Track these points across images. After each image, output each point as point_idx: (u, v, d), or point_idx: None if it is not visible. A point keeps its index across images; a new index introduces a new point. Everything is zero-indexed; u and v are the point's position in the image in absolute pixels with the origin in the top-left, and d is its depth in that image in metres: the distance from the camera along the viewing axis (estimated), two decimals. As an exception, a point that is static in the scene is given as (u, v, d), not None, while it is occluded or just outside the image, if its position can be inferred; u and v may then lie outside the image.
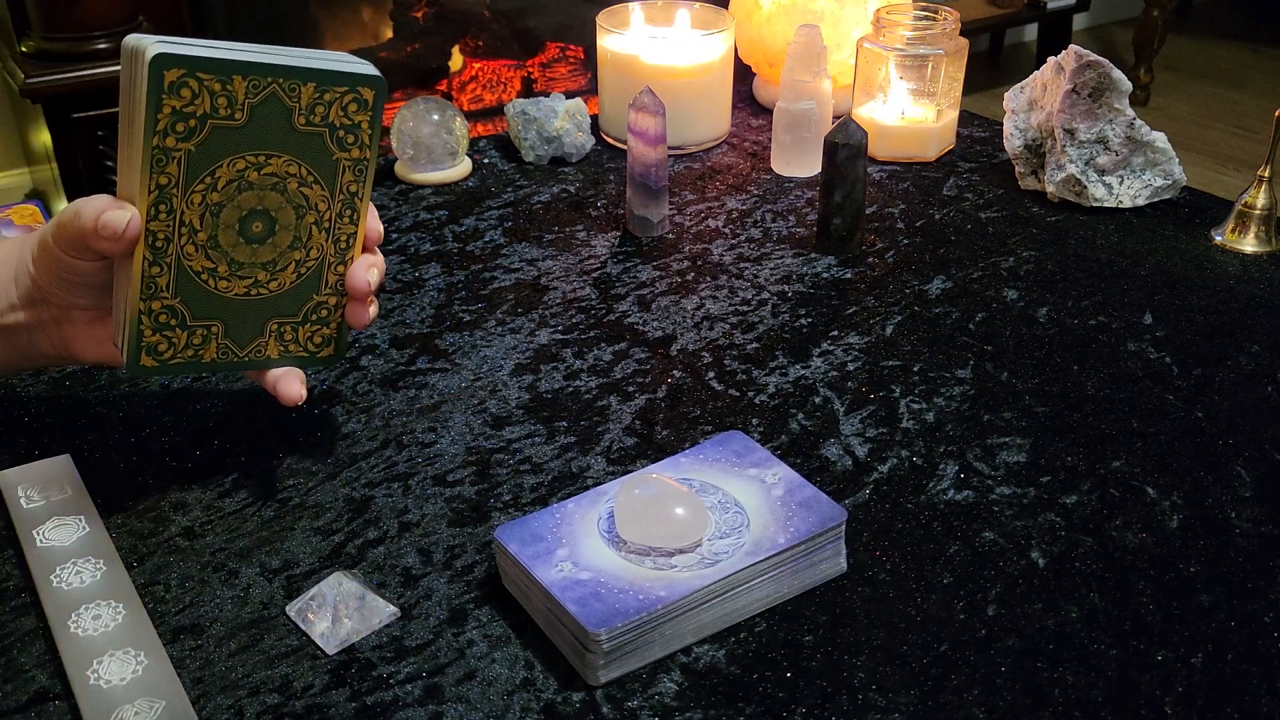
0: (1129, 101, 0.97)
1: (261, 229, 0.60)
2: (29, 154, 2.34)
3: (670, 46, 1.08)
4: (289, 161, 0.59)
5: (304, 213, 0.61)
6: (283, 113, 0.58)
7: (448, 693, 0.53)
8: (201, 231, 0.59)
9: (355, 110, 0.60)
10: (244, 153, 0.58)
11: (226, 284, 0.61)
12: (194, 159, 0.56)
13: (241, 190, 0.59)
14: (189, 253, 0.59)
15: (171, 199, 0.57)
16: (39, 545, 0.60)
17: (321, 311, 0.65)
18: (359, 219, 0.63)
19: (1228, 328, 0.82)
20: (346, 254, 0.64)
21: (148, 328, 0.60)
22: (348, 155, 0.61)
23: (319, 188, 0.60)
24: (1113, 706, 0.52)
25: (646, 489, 0.58)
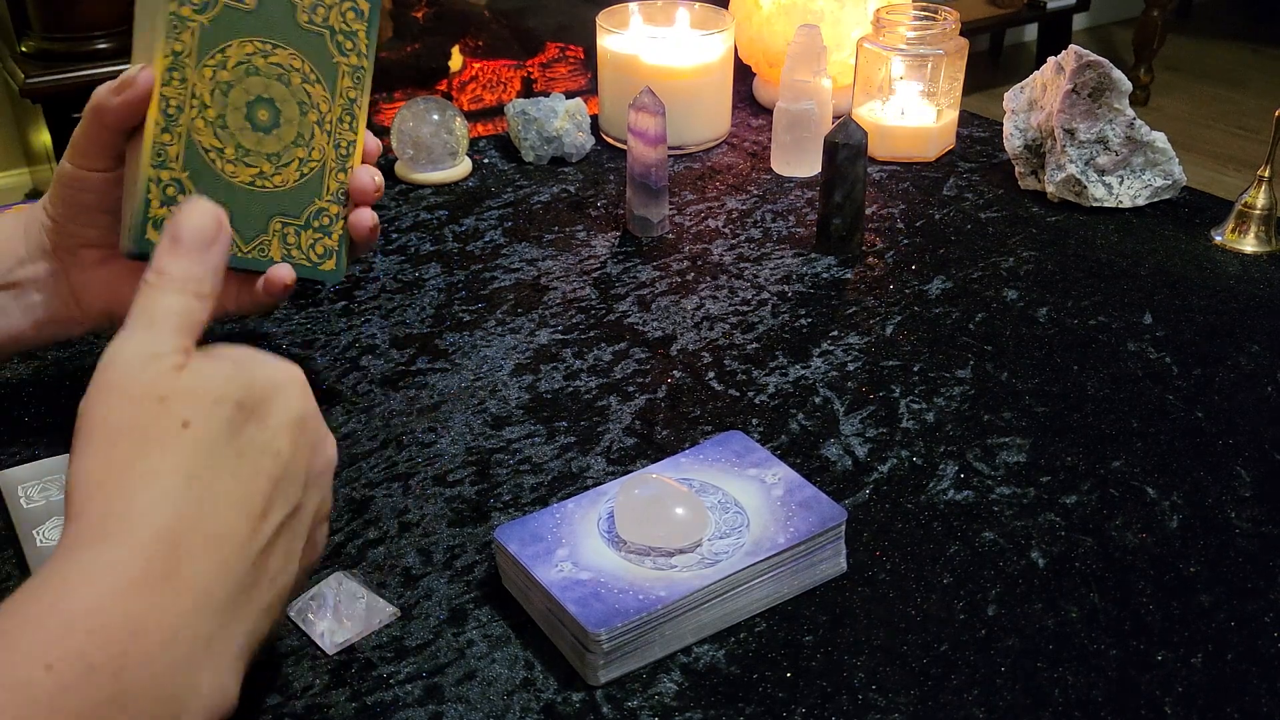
0: (1129, 101, 0.97)
1: (267, 118, 0.62)
2: (29, 154, 2.34)
3: (670, 46, 1.08)
4: (293, 55, 0.62)
5: (306, 109, 0.63)
6: (287, 6, 0.62)
7: (448, 693, 0.53)
8: (211, 107, 0.61)
9: (353, 18, 0.64)
10: (252, 37, 0.61)
11: (233, 168, 0.62)
12: (206, 32, 0.60)
13: (249, 74, 0.61)
14: (198, 127, 0.61)
15: (185, 67, 0.60)
16: (39, 545, 0.60)
17: (324, 219, 0.65)
18: (358, 126, 0.65)
19: (1228, 328, 0.82)
20: (347, 161, 0.65)
21: (155, 198, 0.60)
22: (346, 61, 0.64)
23: (320, 87, 0.63)
24: (1113, 706, 0.52)
25: (646, 489, 0.58)
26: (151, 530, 0.42)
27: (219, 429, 0.45)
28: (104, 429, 0.44)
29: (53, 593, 0.40)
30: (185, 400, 0.45)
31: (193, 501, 0.43)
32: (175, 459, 0.43)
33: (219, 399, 0.45)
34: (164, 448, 0.43)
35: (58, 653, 0.38)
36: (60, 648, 0.38)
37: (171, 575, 0.41)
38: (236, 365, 0.47)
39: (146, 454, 0.43)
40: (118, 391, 0.45)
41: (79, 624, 0.39)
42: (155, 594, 0.41)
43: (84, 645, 0.39)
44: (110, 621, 0.39)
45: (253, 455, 0.46)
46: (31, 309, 0.65)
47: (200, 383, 0.45)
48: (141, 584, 0.41)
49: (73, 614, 0.39)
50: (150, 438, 0.44)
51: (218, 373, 0.46)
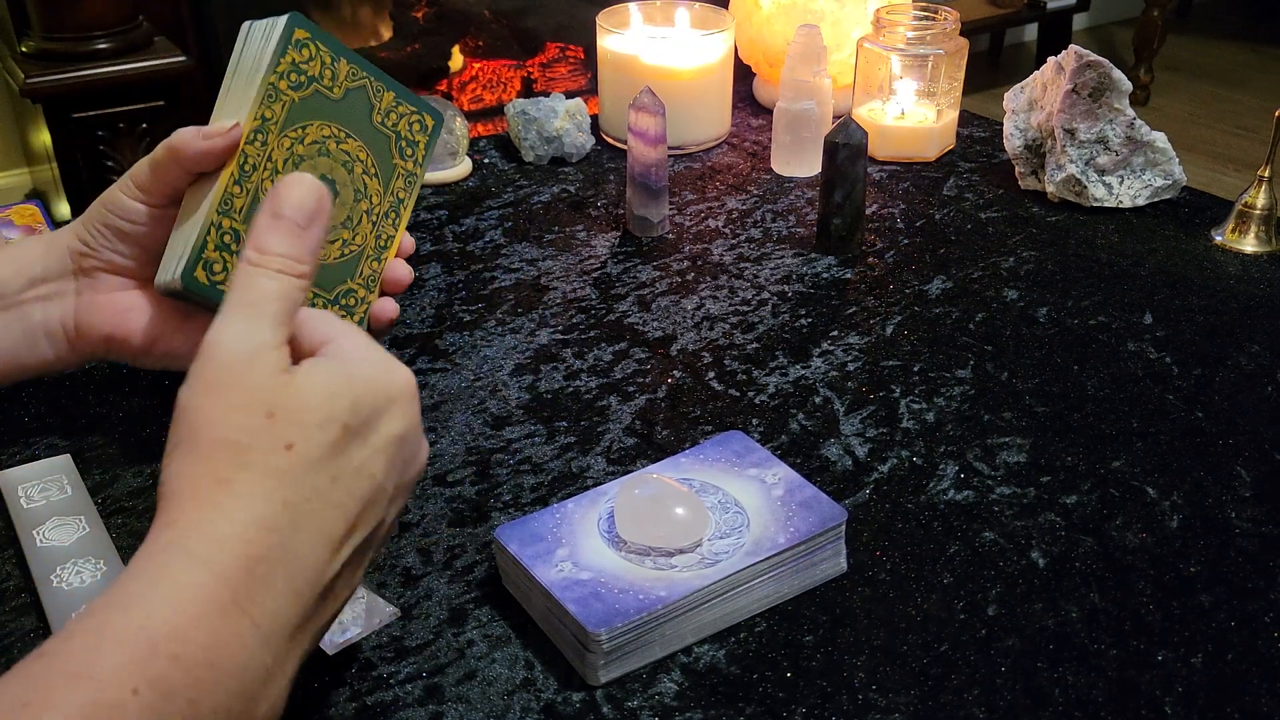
0: (1129, 101, 0.97)
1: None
2: (29, 154, 2.34)
3: (670, 46, 1.08)
4: (361, 148, 0.67)
5: (360, 198, 0.67)
6: (366, 105, 0.67)
7: (448, 693, 0.53)
8: (282, 174, 0.64)
9: (418, 130, 0.69)
10: (331, 122, 0.66)
11: None
12: (294, 109, 0.64)
13: (320, 154, 0.65)
14: (266, 189, 0.63)
15: (269, 133, 0.63)
16: (39, 545, 0.60)
17: (351, 299, 0.68)
18: (399, 224, 0.70)
19: (1228, 328, 0.82)
20: (383, 253, 0.69)
21: (212, 241, 0.62)
22: (404, 165, 0.69)
23: (376, 182, 0.68)
24: (1113, 706, 0.52)
25: (646, 489, 0.58)
26: (237, 556, 0.42)
27: (321, 453, 0.45)
28: (208, 434, 0.44)
29: (140, 612, 0.40)
30: (292, 419, 0.44)
31: (281, 529, 0.43)
32: (273, 482, 0.44)
33: (325, 421, 0.45)
34: (264, 470, 0.44)
35: (143, 677, 0.39)
36: (146, 672, 0.39)
37: (248, 605, 0.42)
38: (349, 379, 0.46)
39: (246, 471, 0.43)
40: (223, 393, 0.44)
41: (163, 649, 0.39)
42: (232, 623, 0.41)
43: (167, 671, 0.39)
44: (191, 650, 0.40)
45: (347, 479, 0.46)
46: (31, 331, 0.65)
47: (308, 400, 0.45)
48: (221, 612, 0.41)
49: (157, 638, 0.40)
50: (251, 456, 0.44)
51: (328, 387, 0.46)
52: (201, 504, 0.43)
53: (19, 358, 0.66)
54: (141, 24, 1.91)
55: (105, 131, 1.87)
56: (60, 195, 1.97)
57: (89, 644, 0.39)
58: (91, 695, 0.38)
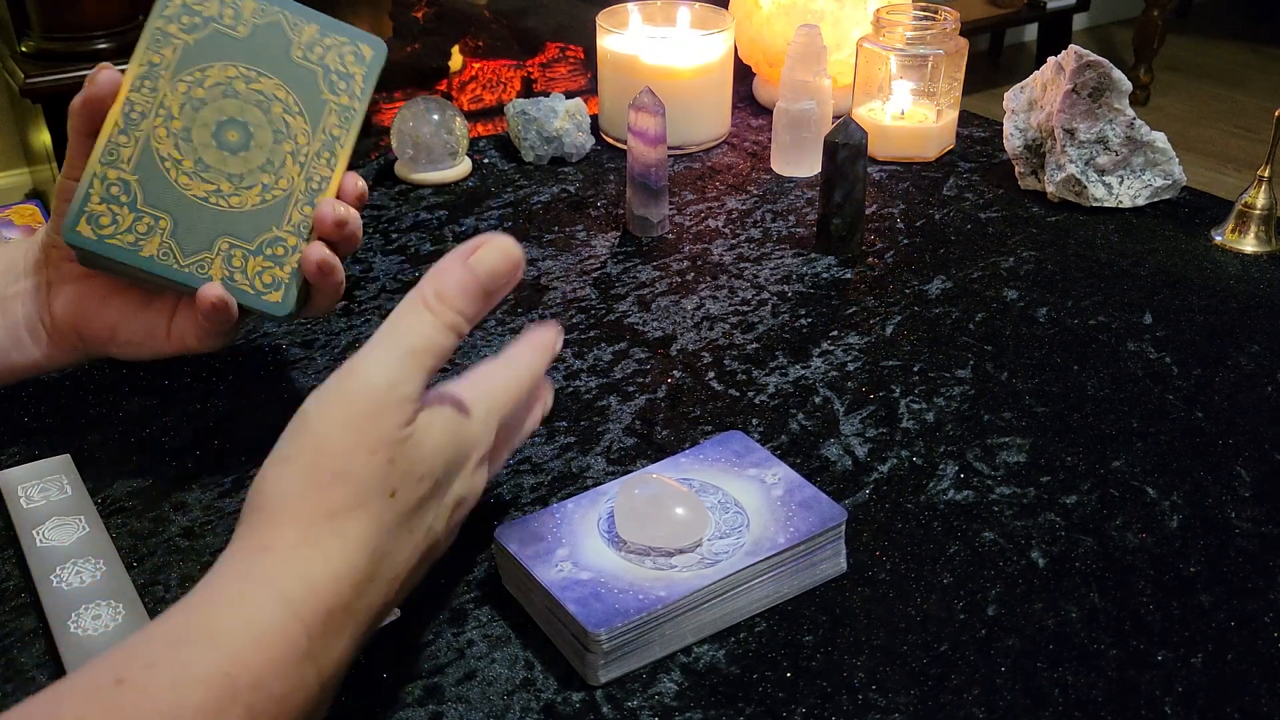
0: (1129, 101, 0.97)
1: (236, 139, 0.62)
2: (29, 154, 2.34)
3: (670, 46, 1.08)
4: (278, 85, 0.62)
5: (282, 139, 0.63)
6: (282, 41, 0.63)
7: (448, 693, 0.53)
8: (178, 119, 0.61)
9: (352, 62, 0.64)
10: (237, 62, 0.62)
11: (187, 180, 0.62)
12: (189, 51, 0.61)
13: (226, 96, 0.62)
14: (160, 135, 0.61)
15: (158, 78, 0.60)
16: (39, 545, 0.60)
17: (278, 249, 0.63)
18: (336, 164, 0.64)
19: (1228, 328, 0.82)
20: (317, 195, 0.63)
21: (96, 193, 0.60)
22: (336, 100, 0.64)
23: (302, 120, 0.63)
24: (1113, 706, 0.52)
25: (646, 489, 0.58)
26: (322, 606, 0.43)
27: (412, 505, 0.47)
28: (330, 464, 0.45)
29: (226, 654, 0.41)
30: (402, 469, 0.46)
31: (363, 582, 0.45)
32: (373, 529, 0.45)
33: (424, 475, 0.47)
34: (370, 514, 0.45)
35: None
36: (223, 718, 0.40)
37: (320, 655, 0.43)
38: (453, 436, 0.48)
39: (356, 512, 0.45)
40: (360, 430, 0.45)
41: (242, 697, 0.40)
42: (304, 673, 0.42)
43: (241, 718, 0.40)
44: (264, 700, 0.41)
45: (420, 531, 0.48)
46: (14, 326, 0.66)
47: (418, 454, 0.47)
48: (298, 662, 0.42)
49: (239, 686, 0.40)
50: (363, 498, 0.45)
51: (434, 443, 0.47)
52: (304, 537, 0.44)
53: (9, 357, 0.66)
54: (141, 24, 1.91)
55: (105, 131, 1.86)
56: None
57: (175, 680, 0.40)
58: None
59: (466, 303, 0.48)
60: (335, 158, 0.64)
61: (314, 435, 0.45)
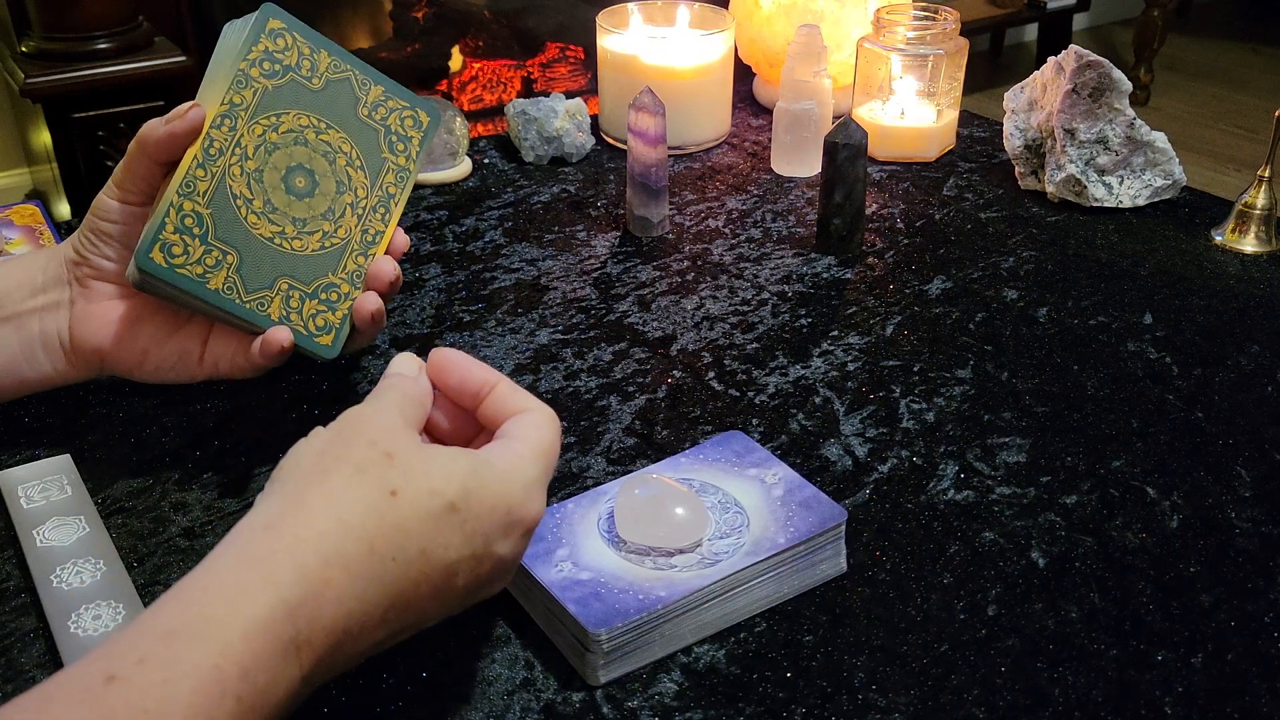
0: (1129, 101, 0.97)
1: (303, 185, 0.65)
2: (29, 154, 2.34)
3: (670, 46, 1.08)
4: (344, 139, 0.66)
5: (344, 190, 0.66)
6: (351, 98, 0.66)
7: (448, 693, 0.53)
8: (252, 160, 0.64)
9: (410, 126, 0.69)
10: (311, 112, 0.65)
11: (256, 219, 0.64)
12: (268, 96, 0.64)
13: (297, 142, 0.65)
14: (234, 174, 0.63)
15: (237, 118, 0.63)
16: (39, 545, 0.60)
17: (332, 294, 0.66)
18: (390, 220, 0.68)
19: (1228, 328, 0.82)
20: (371, 248, 0.67)
21: (171, 223, 0.62)
22: (394, 160, 0.68)
23: (363, 174, 0.67)
24: (1113, 706, 0.52)
25: (646, 489, 0.58)
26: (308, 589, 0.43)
27: (418, 515, 0.46)
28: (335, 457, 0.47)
29: (215, 645, 0.41)
30: (405, 470, 0.47)
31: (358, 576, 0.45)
32: (371, 522, 0.45)
33: (433, 490, 0.47)
34: (367, 504, 0.46)
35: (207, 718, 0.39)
36: (210, 714, 0.40)
37: (302, 648, 0.43)
38: (478, 474, 0.48)
39: (353, 498, 0.46)
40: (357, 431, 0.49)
41: (230, 690, 0.40)
42: (285, 665, 0.42)
43: (231, 713, 0.40)
44: (251, 692, 0.41)
45: (434, 561, 0.47)
46: (29, 343, 0.66)
47: (427, 463, 0.48)
48: (282, 651, 0.42)
49: (228, 679, 0.40)
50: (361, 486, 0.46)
51: (452, 467, 0.48)
52: (303, 510, 0.45)
53: (19, 371, 0.66)
54: (141, 24, 1.91)
55: (105, 131, 1.87)
56: (60, 195, 1.97)
57: (165, 676, 0.40)
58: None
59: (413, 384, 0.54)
60: (389, 214, 0.68)
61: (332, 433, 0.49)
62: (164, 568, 0.60)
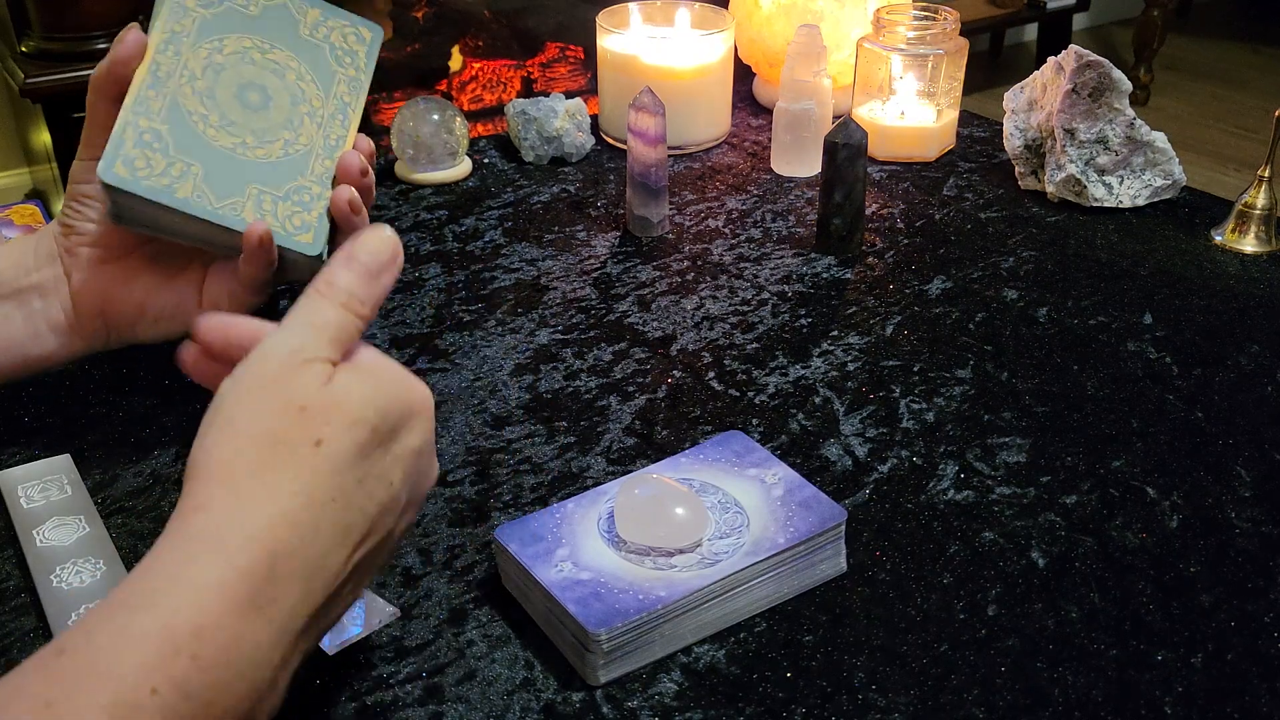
0: (1129, 101, 0.97)
1: (257, 99, 0.67)
2: (29, 154, 2.34)
3: (670, 46, 1.08)
4: (290, 57, 0.68)
5: (298, 101, 0.68)
6: (290, 20, 0.68)
7: (448, 693, 0.53)
8: (201, 80, 0.65)
9: (354, 41, 0.71)
10: (252, 34, 0.67)
11: (215, 132, 0.65)
12: (206, 23, 0.66)
13: (244, 63, 0.67)
14: (185, 93, 0.65)
15: (181, 43, 0.65)
16: (39, 545, 0.60)
17: (305, 195, 0.66)
18: (350, 124, 0.69)
19: (1228, 328, 0.82)
20: (335, 151, 0.68)
21: (130, 139, 0.62)
22: (344, 71, 0.70)
23: (314, 86, 0.68)
24: (1113, 706, 0.52)
25: (646, 489, 0.58)
26: (261, 553, 0.42)
27: (349, 452, 0.45)
28: (244, 424, 0.45)
29: (165, 609, 0.40)
30: (323, 416, 0.45)
31: (303, 526, 0.44)
32: (300, 478, 0.44)
33: (356, 421, 0.46)
34: (293, 464, 0.44)
35: (162, 676, 0.39)
36: (165, 671, 0.39)
37: (265, 604, 0.42)
38: (377, 385, 0.47)
39: (275, 465, 0.44)
40: (263, 388, 0.46)
41: (184, 648, 0.40)
42: (248, 621, 0.42)
43: (186, 671, 0.39)
44: (209, 649, 0.40)
45: (370, 483, 0.46)
46: (32, 317, 0.66)
47: (341, 400, 0.46)
48: (241, 611, 0.41)
49: (179, 637, 0.40)
50: (282, 450, 0.44)
51: (359, 391, 0.47)
52: (231, 493, 0.44)
53: (25, 349, 0.66)
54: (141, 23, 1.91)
55: (105, 131, 1.86)
56: (60, 195, 1.96)
57: (113, 642, 0.39)
58: (113, 695, 0.38)
59: (356, 284, 0.49)
60: (349, 119, 0.69)
61: (226, 402, 0.46)
62: (164, 568, 0.60)
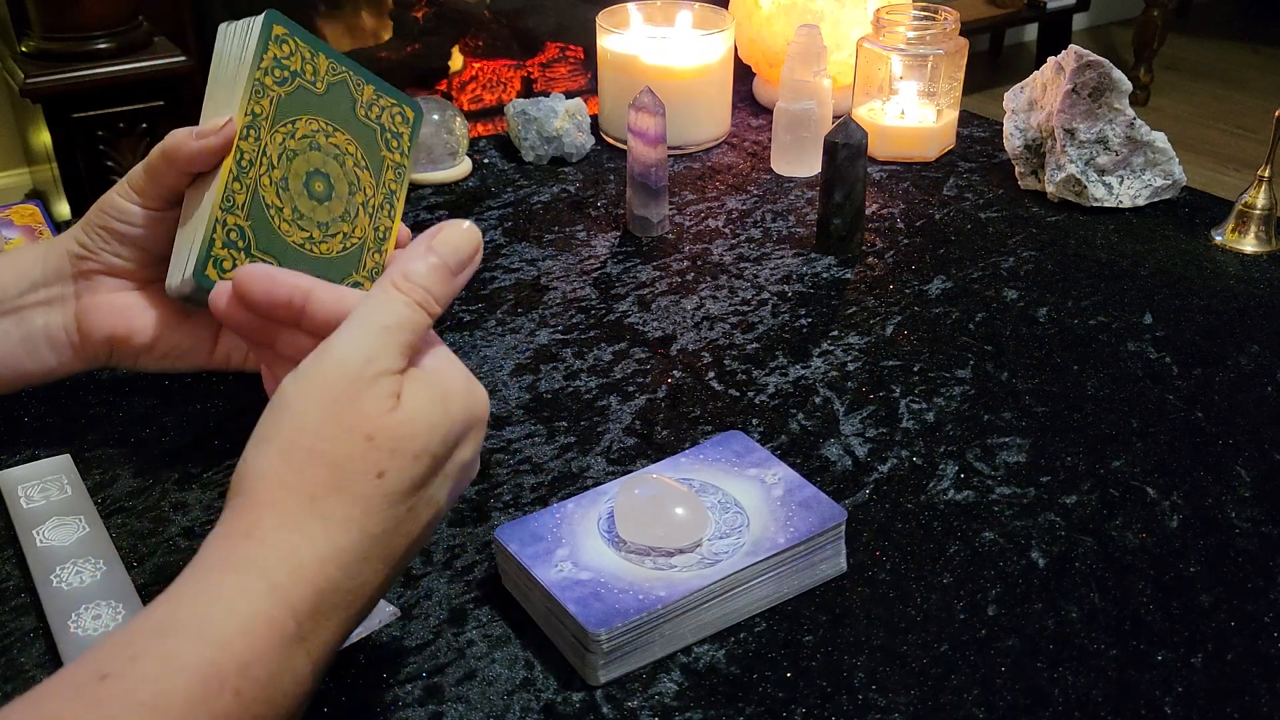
0: (1129, 101, 0.97)
1: (321, 189, 0.66)
2: (29, 154, 2.34)
3: (670, 46, 1.08)
4: (349, 140, 0.67)
5: (355, 191, 0.68)
6: (349, 99, 0.68)
7: (448, 693, 0.53)
8: (278, 169, 0.65)
9: (400, 122, 0.70)
10: (318, 116, 0.66)
11: (288, 227, 0.65)
12: (282, 103, 0.65)
13: (311, 148, 0.66)
14: (264, 184, 0.64)
15: (261, 128, 0.64)
16: (39, 545, 0.60)
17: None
18: (395, 215, 0.69)
19: (1228, 328, 0.82)
20: (383, 244, 0.69)
21: (219, 239, 0.62)
22: (391, 156, 0.69)
23: (368, 174, 0.68)
24: (1113, 706, 0.52)
25: (646, 489, 0.58)
26: (310, 589, 0.42)
27: (409, 485, 0.45)
28: (306, 442, 0.44)
29: (213, 642, 0.40)
30: (388, 447, 0.45)
31: (354, 562, 0.44)
32: (358, 511, 0.44)
33: (419, 454, 0.46)
34: (353, 496, 0.44)
35: (206, 711, 0.39)
36: (209, 707, 0.39)
37: (310, 638, 0.43)
38: (445, 406, 0.47)
39: (337, 494, 0.44)
40: (334, 406, 0.44)
41: (230, 684, 0.40)
42: (293, 657, 0.42)
43: (229, 707, 0.40)
44: (253, 687, 0.40)
45: (420, 508, 0.47)
46: (31, 335, 0.66)
47: (407, 430, 0.45)
48: (286, 646, 0.42)
49: (226, 674, 0.40)
50: (345, 480, 0.44)
51: (426, 419, 0.46)
52: (285, 521, 0.43)
53: (20, 364, 0.66)
54: (141, 24, 1.91)
55: (105, 131, 1.87)
56: (60, 195, 1.96)
57: (160, 671, 0.39)
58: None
59: (433, 281, 0.48)
60: (394, 209, 0.69)
61: (291, 413, 0.45)
62: (164, 568, 0.60)
